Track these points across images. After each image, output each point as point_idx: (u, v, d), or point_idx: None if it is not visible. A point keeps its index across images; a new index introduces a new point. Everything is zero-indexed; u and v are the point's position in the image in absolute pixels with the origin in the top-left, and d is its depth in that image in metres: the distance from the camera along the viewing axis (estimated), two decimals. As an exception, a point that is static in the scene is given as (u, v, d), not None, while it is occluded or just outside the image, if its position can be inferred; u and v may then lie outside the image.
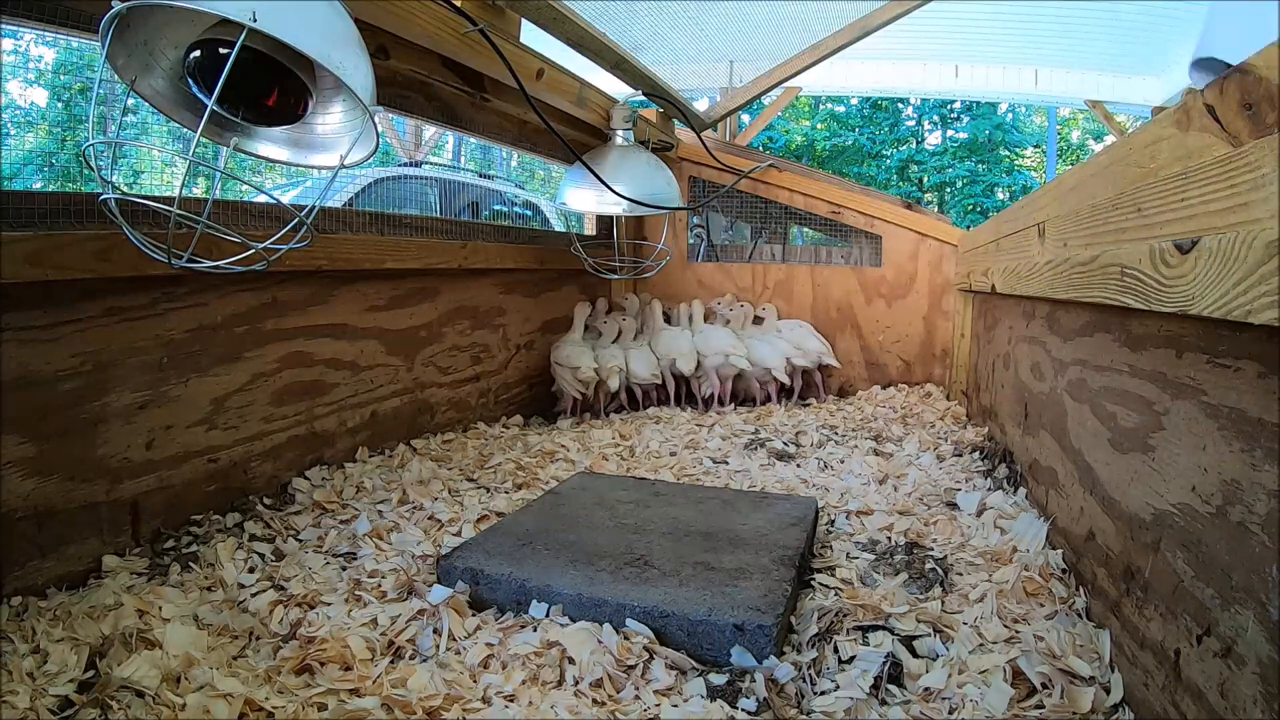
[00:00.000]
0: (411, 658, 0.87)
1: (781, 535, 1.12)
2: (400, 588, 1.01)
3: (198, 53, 0.91)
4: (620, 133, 2.15)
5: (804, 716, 0.78)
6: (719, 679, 0.83)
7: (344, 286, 1.55)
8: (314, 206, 1.07)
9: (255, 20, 0.78)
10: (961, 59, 5.89)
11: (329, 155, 1.08)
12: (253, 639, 0.90)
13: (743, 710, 0.78)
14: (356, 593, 1.01)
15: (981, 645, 0.88)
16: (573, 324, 2.28)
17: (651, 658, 0.85)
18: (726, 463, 1.72)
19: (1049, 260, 1.13)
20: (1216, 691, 0.59)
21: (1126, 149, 0.79)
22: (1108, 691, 0.78)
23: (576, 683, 0.81)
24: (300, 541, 1.18)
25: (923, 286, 2.53)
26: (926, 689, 0.80)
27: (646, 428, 2.05)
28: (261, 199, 1.41)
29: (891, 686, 0.81)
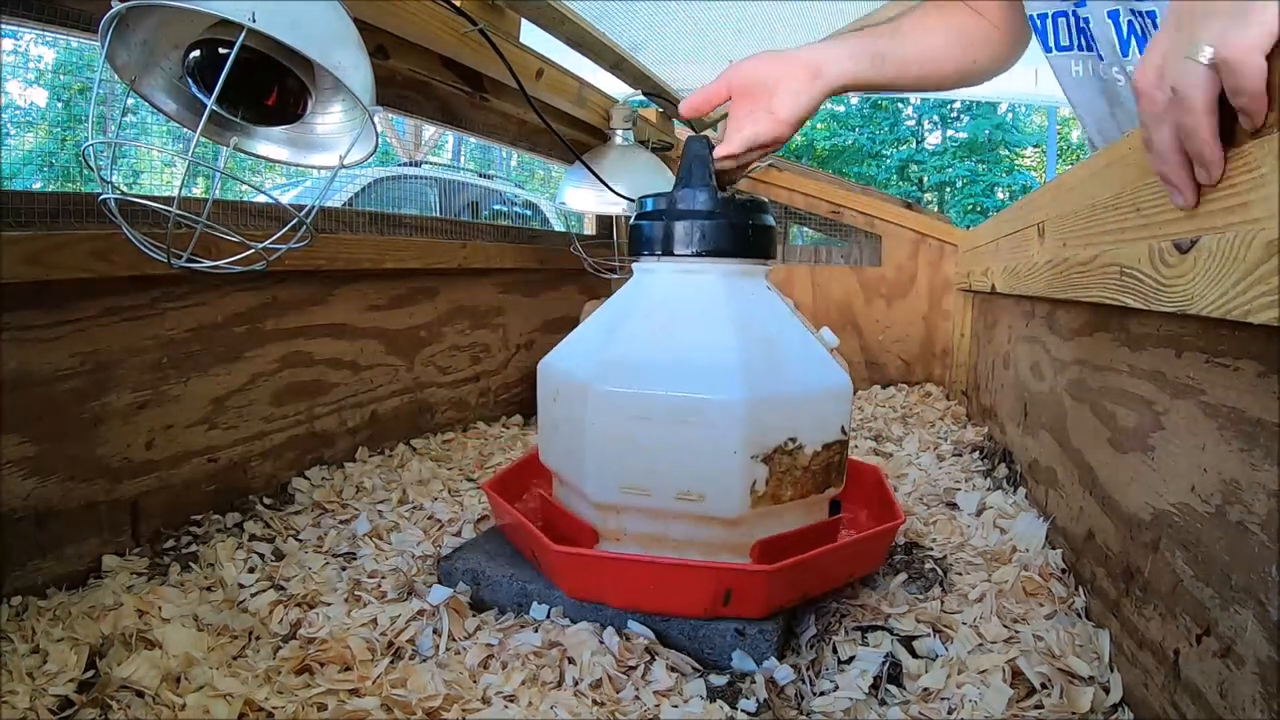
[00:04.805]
0: (411, 658, 0.87)
1: (781, 535, 1.12)
2: (400, 588, 1.01)
3: (197, 52, 0.91)
4: (620, 133, 2.15)
5: (804, 717, 0.78)
6: (719, 680, 0.83)
7: (344, 286, 1.55)
8: (313, 206, 1.06)
9: (255, 20, 0.78)
10: (961, 59, 5.88)
11: (328, 155, 1.08)
12: (253, 639, 0.90)
13: (742, 711, 0.78)
14: (356, 593, 1.01)
15: (981, 645, 0.88)
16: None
17: (652, 659, 0.85)
18: (726, 463, 1.72)
19: (1048, 260, 1.13)
20: (1216, 691, 0.59)
21: (1126, 149, 0.79)
22: (1107, 691, 0.78)
23: (576, 683, 0.81)
24: (300, 541, 1.18)
25: (923, 286, 2.53)
26: (926, 689, 0.80)
27: (646, 428, 2.04)
28: (261, 199, 1.41)
29: (891, 687, 0.81)
